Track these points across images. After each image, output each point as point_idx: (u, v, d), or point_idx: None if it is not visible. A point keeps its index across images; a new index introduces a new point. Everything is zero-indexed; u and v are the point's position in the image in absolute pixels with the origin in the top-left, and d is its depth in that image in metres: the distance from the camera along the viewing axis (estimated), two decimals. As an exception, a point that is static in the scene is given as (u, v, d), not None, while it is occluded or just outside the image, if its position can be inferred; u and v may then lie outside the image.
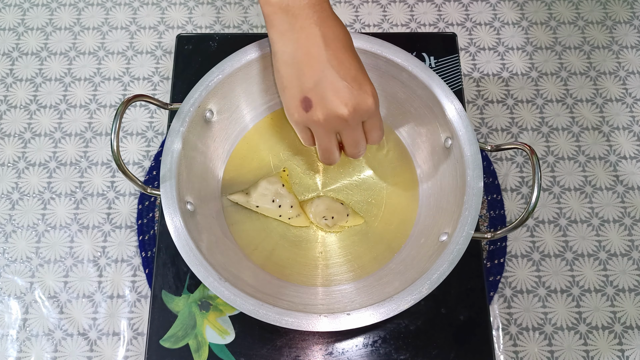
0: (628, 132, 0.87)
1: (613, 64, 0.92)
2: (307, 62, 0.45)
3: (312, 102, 0.46)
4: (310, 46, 0.45)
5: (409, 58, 0.55)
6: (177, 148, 0.51)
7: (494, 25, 0.95)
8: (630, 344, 0.75)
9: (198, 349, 0.53)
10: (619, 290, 0.78)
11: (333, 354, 0.52)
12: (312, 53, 0.45)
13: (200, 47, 0.65)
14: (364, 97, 0.46)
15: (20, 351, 0.75)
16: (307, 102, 0.46)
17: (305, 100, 0.46)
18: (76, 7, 0.96)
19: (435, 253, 0.49)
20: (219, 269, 0.47)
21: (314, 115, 0.46)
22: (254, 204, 0.55)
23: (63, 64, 0.92)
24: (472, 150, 0.51)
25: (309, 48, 0.45)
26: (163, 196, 0.49)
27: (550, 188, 0.84)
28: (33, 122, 0.88)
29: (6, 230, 0.81)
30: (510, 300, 0.77)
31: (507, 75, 0.91)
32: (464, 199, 0.49)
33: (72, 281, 0.78)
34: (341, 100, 0.45)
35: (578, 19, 0.95)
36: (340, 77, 0.45)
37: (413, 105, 0.57)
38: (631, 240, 0.81)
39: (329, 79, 0.45)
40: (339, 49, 0.46)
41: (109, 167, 0.85)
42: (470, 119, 0.83)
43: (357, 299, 0.50)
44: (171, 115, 0.56)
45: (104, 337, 0.76)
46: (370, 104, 0.46)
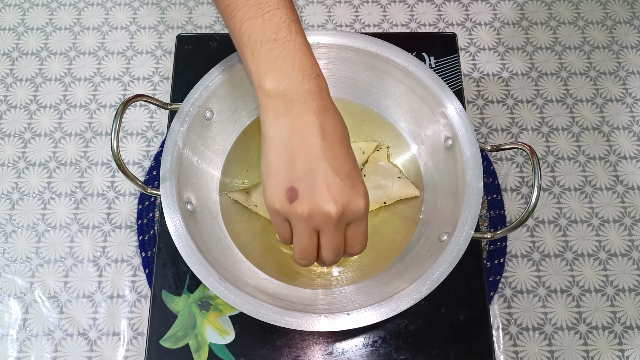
0: (628, 132, 0.87)
1: (613, 64, 0.92)
2: (300, 151, 0.41)
3: (299, 194, 0.41)
4: (305, 134, 0.42)
5: (409, 58, 0.55)
6: (177, 148, 0.51)
7: (494, 25, 0.95)
8: (630, 344, 0.75)
9: (198, 349, 0.53)
10: (619, 290, 0.78)
11: (333, 354, 0.52)
12: (306, 142, 0.41)
13: (200, 47, 0.65)
14: (356, 197, 0.42)
15: (20, 351, 0.75)
16: (293, 192, 0.41)
17: (292, 190, 0.41)
18: (76, 7, 0.96)
19: (435, 253, 0.49)
20: (219, 269, 0.47)
21: (299, 207, 0.41)
22: (254, 203, 0.55)
23: (63, 64, 0.92)
24: (472, 150, 0.51)
25: (304, 136, 0.41)
26: (163, 196, 0.49)
27: (550, 188, 0.84)
28: (33, 122, 0.88)
29: (6, 230, 0.81)
30: (510, 300, 0.77)
31: (507, 75, 0.91)
32: (464, 199, 0.49)
33: (72, 281, 0.78)
34: (331, 196, 0.41)
35: (578, 19, 0.95)
36: (334, 171, 0.41)
37: (413, 106, 0.57)
38: (631, 240, 0.81)
39: (322, 171, 0.41)
40: (335, 142, 0.42)
41: (109, 167, 0.85)
42: (470, 119, 0.83)
43: (357, 299, 0.49)
44: (171, 115, 0.56)
45: (104, 337, 0.76)
46: (360, 206, 0.42)
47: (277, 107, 0.42)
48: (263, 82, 0.42)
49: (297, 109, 0.42)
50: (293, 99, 0.42)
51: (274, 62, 0.42)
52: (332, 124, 0.43)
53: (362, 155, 0.58)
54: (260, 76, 0.42)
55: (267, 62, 0.42)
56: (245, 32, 0.43)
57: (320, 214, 0.41)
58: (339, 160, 0.42)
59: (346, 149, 0.43)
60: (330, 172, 0.41)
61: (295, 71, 0.42)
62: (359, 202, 0.42)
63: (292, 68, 0.42)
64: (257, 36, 0.42)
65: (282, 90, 0.42)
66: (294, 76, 0.42)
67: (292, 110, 0.42)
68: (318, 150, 0.41)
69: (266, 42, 0.42)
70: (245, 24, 0.43)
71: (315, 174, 0.41)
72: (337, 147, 0.42)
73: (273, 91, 0.42)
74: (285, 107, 0.42)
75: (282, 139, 0.42)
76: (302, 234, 0.43)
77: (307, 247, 0.44)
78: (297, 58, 0.42)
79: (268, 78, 0.42)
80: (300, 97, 0.42)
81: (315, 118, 0.42)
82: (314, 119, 0.42)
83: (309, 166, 0.41)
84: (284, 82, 0.42)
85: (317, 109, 0.42)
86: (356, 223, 0.44)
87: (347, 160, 0.43)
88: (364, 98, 0.60)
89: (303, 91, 0.42)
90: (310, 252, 0.44)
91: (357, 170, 0.43)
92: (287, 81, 0.42)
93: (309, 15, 0.96)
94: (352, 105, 0.60)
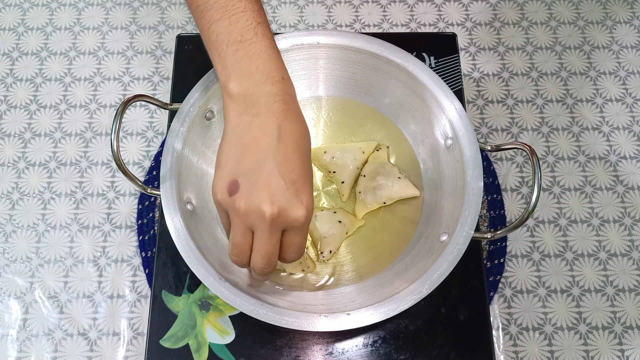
0: (628, 132, 0.87)
1: (613, 64, 0.92)
2: (251, 147, 0.41)
3: (240, 188, 0.41)
4: (260, 133, 0.42)
5: (409, 58, 0.55)
6: (177, 148, 0.51)
7: (494, 25, 0.95)
8: (630, 344, 0.75)
9: (198, 349, 0.53)
10: (619, 290, 0.78)
11: (333, 354, 0.52)
12: (259, 140, 0.41)
13: (200, 47, 0.65)
14: (296, 205, 0.41)
15: (20, 351, 0.75)
16: (234, 185, 0.41)
17: (234, 183, 0.41)
18: (76, 7, 0.96)
19: (435, 253, 0.49)
20: (219, 269, 0.47)
21: (236, 201, 0.41)
22: None
23: (63, 64, 0.92)
24: (472, 150, 0.51)
25: (258, 134, 0.42)
26: (163, 196, 0.49)
27: (550, 188, 0.84)
28: (33, 122, 0.88)
29: (6, 230, 0.81)
30: (510, 300, 0.77)
31: (507, 75, 0.91)
32: (464, 199, 0.49)
33: (72, 281, 0.78)
34: (269, 197, 0.40)
35: (578, 19, 0.95)
36: (279, 174, 0.41)
37: (413, 105, 0.57)
38: (631, 240, 0.81)
39: (266, 170, 0.41)
40: (290, 146, 0.42)
41: (109, 167, 0.85)
42: (470, 119, 0.83)
43: (357, 299, 0.50)
44: (171, 115, 0.57)
45: (104, 337, 0.76)
46: (299, 215, 0.41)
47: (238, 106, 0.42)
48: (227, 83, 0.43)
49: (257, 109, 0.42)
50: (254, 99, 0.42)
51: (239, 64, 0.43)
52: (291, 128, 0.42)
53: (362, 155, 0.58)
54: (226, 76, 0.43)
55: (232, 63, 0.43)
56: (213, 33, 0.44)
57: (255, 213, 0.41)
58: (288, 164, 0.41)
59: (300, 155, 0.42)
60: (275, 173, 0.41)
61: (259, 73, 0.42)
62: (298, 210, 0.41)
63: (256, 69, 0.42)
64: (223, 38, 0.43)
65: (244, 90, 0.42)
66: (257, 78, 0.42)
67: (252, 109, 0.42)
68: (268, 150, 0.41)
69: (232, 43, 0.43)
70: (213, 25, 0.43)
71: (259, 172, 0.41)
72: (290, 152, 0.42)
73: (236, 91, 0.42)
74: (246, 107, 0.42)
75: (236, 135, 0.42)
76: (237, 230, 0.42)
77: (240, 244, 0.43)
78: (262, 60, 0.43)
79: (232, 79, 0.43)
80: (261, 99, 0.42)
81: (273, 119, 0.42)
82: (272, 120, 0.42)
83: (256, 164, 0.41)
84: (246, 83, 0.42)
85: (277, 111, 0.42)
86: (293, 231, 0.43)
87: (298, 166, 0.42)
88: (364, 98, 0.60)
89: (265, 92, 0.42)
90: (242, 250, 0.43)
91: (306, 179, 0.42)
92: (250, 82, 0.42)
93: (309, 15, 0.96)
94: (353, 104, 0.60)
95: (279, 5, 0.96)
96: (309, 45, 0.56)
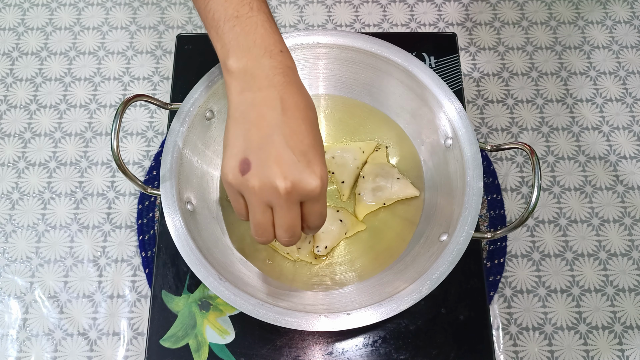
0: (628, 132, 0.87)
1: (613, 64, 0.92)
2: (256, 123, 0.41)
3: (251, 166, 0.40)
4: (264, 108, 0.41)
5: (409, 58, 0.55)
6: (177, 148, 0.51)
7: (494, 25, 0.95)
8: (630, 344, 0.75)
9: (198, 349, 0.53)
10: (619, 290, 0.78)
11: (333, 354, 0.52)
12: (264, 115, 0.41)
13: (200, 47, 0.65)
14: (309, 175, 0.40)
15: (20, 351, 0.75)
16: (245, 164, 0.40)
17: (245, 162, 0.41)
18: (76, 7, 0.96)
19: (435, 253, 0.49)
20: (219, 269, 0.47)
21: (249, 180, 0.40)
22: None
23: (63, 64, 0.92)
24: (472, 150, 0.51)
25: (263, 109, 0.41)
26: (163, 196, 0.49)
27: (550, 188, 0.84)
28: (33, 122, 0.88)
29: (6, 230, 0.81)
30: (510, 300, 0.77)
31: (507, 75, 0.91)
32: (464, 199, 0.49)
33: (72, 281, 0.78)
34: (281, 171, 0.40)
35: (578, 19, 0.95)
36: (289, 146, 0.40)
37: (413, 105, 0.57)
38: (631, 240, 0.81)
39: (275, 145, 0.40)
40: (296, 117, 0.41)
41: (109, 167, 0.85)
42: (470, 119, 0.83)
43: (357, 298, 0.49)
44: (171, 115, 0.56)
45: (104, 337, 0.76)
46: (313, 186, 0.40)
47: (239, 83, 0.42)
48: (227, 60, 0.42)
49: (259, 83, 0.41)
50: (255, 74, 0.41)
51: (236, 39, 0.42)
52: (294, 99, 0.42)
53: (362, 155, 0.58)
54: (225, 54, 0.43)
55: (230, 40, 0.42)
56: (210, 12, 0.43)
57: (269, 189, 0.40)
58: (297, 136, 0.41)
59: (308, 125, 0.42)
60: (284, 146, 0.40)
61: (256, 47, 0.42)
62: (312, 181, 0.40)
63: (254, 44, 0.42)
64: (220, 15, 0.43)
65: (244, 66, 0.42)
66: (255, 52, 0.42)
67: (253, 84, 0.41)
68: (275, 124, 0.40)
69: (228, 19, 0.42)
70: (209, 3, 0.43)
71: (268, 147, 0.40)
72: (297, 123, 0.41)
73: (235, 67, 0.42)
74: (247, 83, 0.42)
75: (241, 112, 0.41)
76: (256, 209, 0.42)
77: (261, 222, 0.43)
78: (259, 34, 0.42)
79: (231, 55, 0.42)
80: (261, 72, 0.41)
81: (276, 92, 0.41)
82: (275, 93, 0.41)
83: (264, 139, 0.40)
84: (244, 58, 0.42)
85: (279, 83, 0.41)
86: (311, 201, 0.42)
87: (307, 137, 0.41)
88: (364, 98, 0.60)
89: (264, 66, 0.41)
90: (265, 228, 0.43)
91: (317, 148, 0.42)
92: (249, 57, 0.42)
93: (309, 15, 0.96)
94: (353, 103, 0.60)
95: (279, 5, 0.96)
96: (309, 45, 0.56)
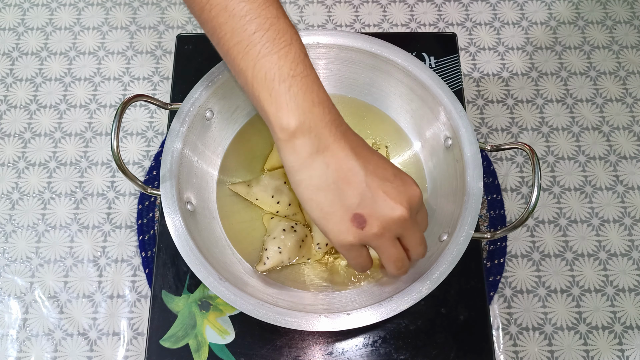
0: (628, 132, 0.87)
1: (613, 64, 0.92)
2: (344, 180, 0.41)
3: (365, 216, 0.41)
4: (341, 163, 0.41)
5: (409, 58, 0.55)
6: (177, 148, 0.51)
7: (494, 25, 0.95)
8: (630, 344, 0.75)
9: (198, 349, 0.53)
10: (619, 290, 0.78)
11: (333, 354, 0.52)
12: (344, 168, 0.41)
13: (200, 47, 0.65)
14: (412, 189, 0.42)
15: (20, 351, 0.75)
16: (359, 218, 0.41)
17: (356, 217, 0.41)
18: (76, 7, 0.96)
19: (435, 253, 0.49)
20: (219, 269, 0.47)
21: (371, 227, 0.41)
22: (254, 196, 0.55)
23: (63, 64, 0.92)
24: (472, 150, 0.51)
25: (341, 165, 0.41)
26: (163, 196, 0.49)
27: (550, 188, 0.84)
28: (33, 122, 0.88)
29: (6, 230, 0.81)
30: (510, 300, 0.77)
31: (507, 75, 0.91)
32: (464, 199, 0.49)
33: (72, 281, 0.78)
34: (392, 202, 0.41)
35: (578, 19, 0.95)
36: (382, 179, 0.41)
37: (413, 106, 0.57)
38: (631, 240, 0.81)
39: (374, 186, 0.41)
40: (368, 154, 0.42)
41: (109, 167, 0.85)
42: (470, 119, 0.83)
43: (357, 299, 0.49)
44: (171, 115, 0.56)
45: (104, 337, 0.76)
46: (419, 194, 0.43)
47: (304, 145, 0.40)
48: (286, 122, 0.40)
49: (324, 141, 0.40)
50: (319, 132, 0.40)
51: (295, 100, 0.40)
52: (357, 141, 0.43)
53: None
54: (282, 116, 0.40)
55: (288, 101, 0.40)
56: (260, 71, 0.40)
57: (393, 222, 0.42)
58: (380, 168, 0.42)
59: (376, 154, 0.43)
60: (380, 181, 0.41)
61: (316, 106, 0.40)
62: (417, 191, 0.43)
63: (313, 103, 0.40)
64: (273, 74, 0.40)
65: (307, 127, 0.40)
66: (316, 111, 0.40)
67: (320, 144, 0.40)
68: (360, 171, 0.41)
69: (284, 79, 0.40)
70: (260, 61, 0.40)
71: (369, 192, 0.41)
72: (371, 159, 0.42)
73: (299, 130, 0.40)
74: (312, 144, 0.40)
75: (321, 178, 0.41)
76: (389, 248, 0.43)
77: (399, 255, 0.44)
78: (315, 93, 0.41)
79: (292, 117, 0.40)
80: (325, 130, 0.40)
81: (343, 144, 0.41)
82: (342, 144, 0.41)
83: (360, 188, 0.41)
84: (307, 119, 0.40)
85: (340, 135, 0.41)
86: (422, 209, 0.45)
87: (384, 162, 0.43)
88: (364, 97, 0.60)
89: (326, 123, 0.40)
90: (402, 259, 0.45)
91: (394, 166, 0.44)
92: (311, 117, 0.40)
93: (309, 15, 0.96)
94: (353, 103, 0.60)
95: (279, 5, 0.96)
96: (309, 45, 0.56)
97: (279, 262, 0.52)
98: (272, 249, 0.52)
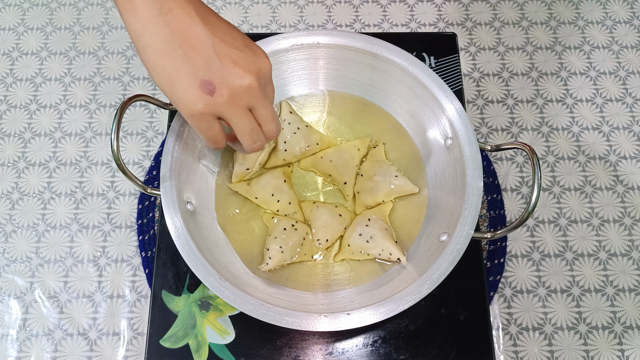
0: (628, 132, 0.87)
1: (613, 64, 0.92)
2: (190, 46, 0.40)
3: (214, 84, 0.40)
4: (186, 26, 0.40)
5: (409, 58, 0.55)
6: (177, 148, 0.51)
7: (494, 25, 0.95)
8: (630, 344, 0.75)
9: (198, 349, 0.53)
10: (619, 290, 0.78)
11: (333, 354, 0.52)
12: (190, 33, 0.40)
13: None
14: (262, 59, 0.42)
15: (20, 351, 0.75)
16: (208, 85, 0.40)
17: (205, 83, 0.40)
18: (76, 7, 0.96)
19: (435, 253, 0.49)
20: (219, 269, 0.47)
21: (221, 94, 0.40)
22: (254, 194, 0.55)
23: (63, 64, 0.92)
24: (472, 150, 0.51)
25: (185, 28, 0.40)
26: (163, 196, 0.49)
27: (550, 188, 0.84)
28: (33, 122, 0.88)
29: (6, 230, 0.81)
30: (510, 300, 0.77)
31: (507, 75, 0.91)
32: (464, 199, 0.49)
33: (72, 281, 0.78)
34: (241, 70, 0.41)
35: (578, 19, 0.95)
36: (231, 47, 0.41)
37: (413, 106, 0.57)
38: (631, 240, 0.81)
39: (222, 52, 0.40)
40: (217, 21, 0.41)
41: (109, 167, 0.85)
42: (470, 119, 0.83)
43: (357, 299, 0.50)
44: (171, 115, 0.56)
45: (104, 337, 0.76)
46: (269, 66, 0.43)
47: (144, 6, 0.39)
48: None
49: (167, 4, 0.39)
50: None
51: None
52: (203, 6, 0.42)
53: (358, 152, 0.58)
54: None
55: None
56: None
57: (242, 90, 0.41)
58: (229, 36, 0.42)
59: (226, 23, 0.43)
60: (229, 49, 0.41)
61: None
62: (267, 63, 0.43)
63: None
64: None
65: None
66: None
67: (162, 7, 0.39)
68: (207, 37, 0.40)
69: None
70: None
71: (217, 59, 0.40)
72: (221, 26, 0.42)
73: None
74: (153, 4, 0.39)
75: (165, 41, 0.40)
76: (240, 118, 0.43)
77: (251, 126, 0.44)
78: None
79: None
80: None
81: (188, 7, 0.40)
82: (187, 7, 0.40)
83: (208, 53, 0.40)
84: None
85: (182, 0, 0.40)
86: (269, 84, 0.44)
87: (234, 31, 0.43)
88: (364, 97, 0.60)
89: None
90: (257, 131, 0.44)
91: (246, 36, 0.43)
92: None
93: (309, 15, 0.96)
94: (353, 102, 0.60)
95: (279, 5, 0.96)
96: (309, 45, 0.56)
97: (281, 261, 0.52)
98: (274, 248, 0.52)
